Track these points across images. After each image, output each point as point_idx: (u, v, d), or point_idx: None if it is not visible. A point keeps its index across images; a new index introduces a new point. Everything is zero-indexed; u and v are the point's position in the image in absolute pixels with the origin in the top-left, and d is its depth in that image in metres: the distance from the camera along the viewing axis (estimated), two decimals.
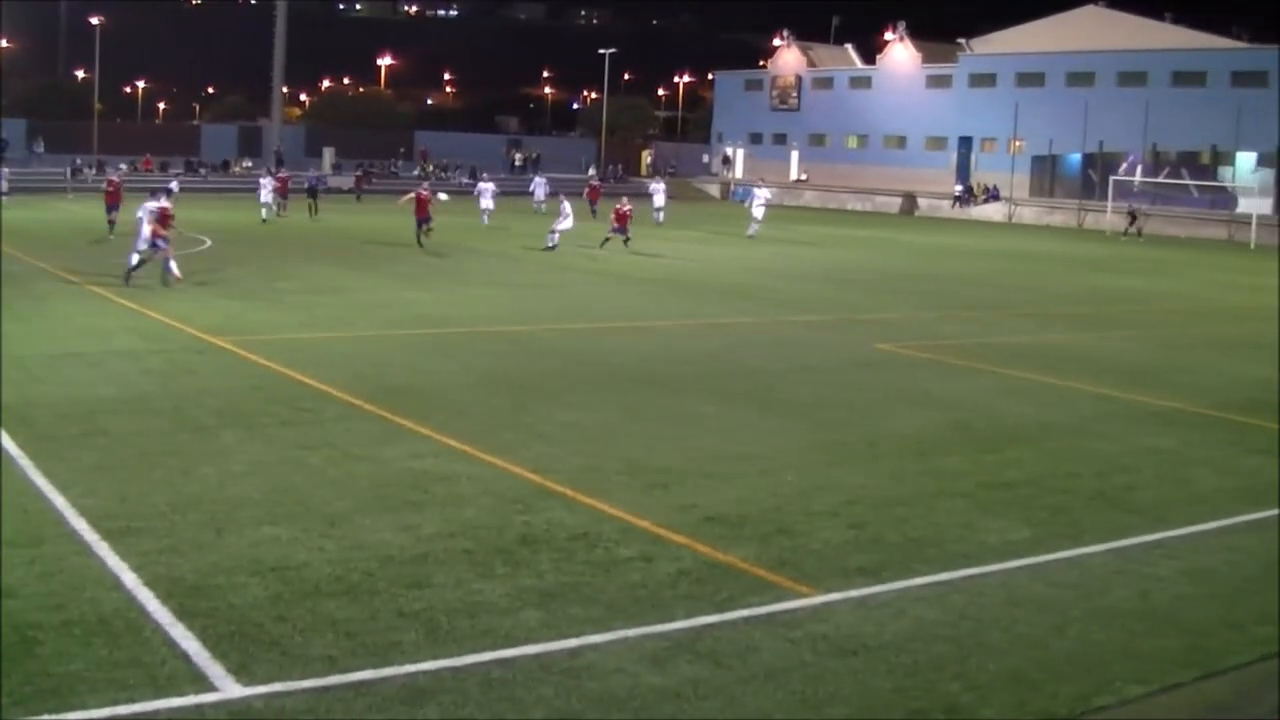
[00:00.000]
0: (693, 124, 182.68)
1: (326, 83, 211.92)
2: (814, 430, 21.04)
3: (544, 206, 79.07)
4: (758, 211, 67.11)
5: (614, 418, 21.48)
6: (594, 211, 74.25)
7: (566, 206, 54.73)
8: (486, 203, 66.49)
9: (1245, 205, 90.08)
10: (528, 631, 11.60)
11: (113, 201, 53.91)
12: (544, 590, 12.66)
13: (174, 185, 61.91)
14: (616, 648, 11.34)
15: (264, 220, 64.26)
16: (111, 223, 52.34)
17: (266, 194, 67.01)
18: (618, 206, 55.78)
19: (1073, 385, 26.27)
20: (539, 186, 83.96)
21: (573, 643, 11.38)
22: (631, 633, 11.67)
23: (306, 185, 74.25)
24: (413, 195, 52.95)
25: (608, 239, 54.36)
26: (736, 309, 36.86)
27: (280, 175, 74.24)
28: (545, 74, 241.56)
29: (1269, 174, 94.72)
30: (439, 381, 24.28)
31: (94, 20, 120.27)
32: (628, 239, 54.01)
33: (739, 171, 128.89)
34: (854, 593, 13.01)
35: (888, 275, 50.35)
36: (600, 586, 12.84)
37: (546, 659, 11.03)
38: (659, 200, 74.07)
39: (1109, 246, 74.18)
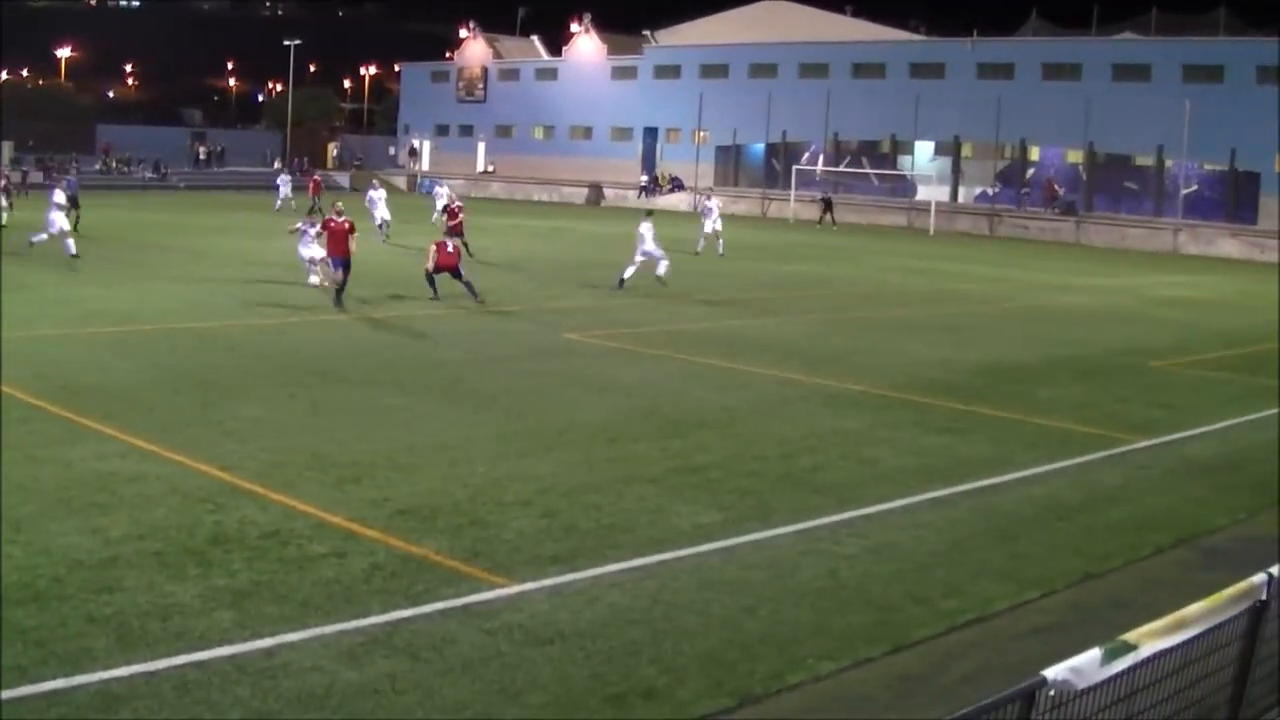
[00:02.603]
0: (379, 115, 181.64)
1: (3, 74, 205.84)
2: (503, 420, 21.18)
3: (293, 204, 77.89)
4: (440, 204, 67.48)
5: (301, 412, 21.33)
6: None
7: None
8: (382, 212, 60.30)
9: (924, 193, 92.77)
10: (221, 632, 11.50)
11: None
12: (237, 590, 12.55)
13: None
14: (312, 645, 11.32)
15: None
16: None
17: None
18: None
19: (756, 370, 26.86)
20: (284, 184, 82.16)
21: (268, 642, 11.32)
22: (327, 630, 11.65)
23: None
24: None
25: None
26: (419, 301, 36.71)
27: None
28: (229, 65, 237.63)
29: (946, 163, 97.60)
30: (123, 380, 23.77)
31: None
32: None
33: (425, 164, 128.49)
34: (548, 581, 13.17)
35: (572, 265, 50.78)
36: (294, 584, 12.79)
37: (242, 659, 10.96)
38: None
39: (792, 233, 75.78)
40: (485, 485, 16.87)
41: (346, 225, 34.97)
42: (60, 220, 44.65)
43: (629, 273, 41.35)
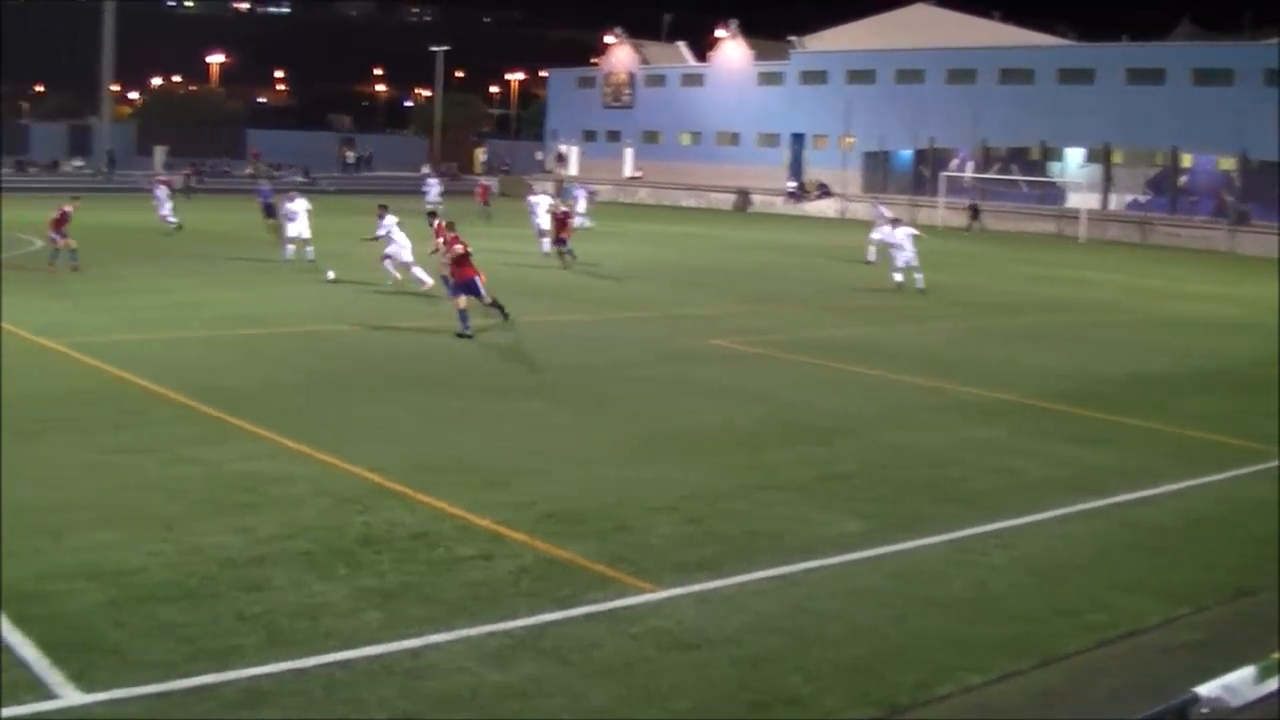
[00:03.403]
0: (526, 121, 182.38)
1: (157, 81, 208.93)
2: (645, 426, 21.17)
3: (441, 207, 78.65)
4: (581, 206, 68.01)
5: (441, 415, 21.50)
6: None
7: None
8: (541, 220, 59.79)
9: (1074, 200, 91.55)
10: (369, 632, 11.59)
11: None
12: (385, 590, 12.65)
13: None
14: (458, 647, 11.37)
15: (178, 228, 57.85)
16: None
17: (166, 206, 59.02)
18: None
19: (898, 377, 26.65)
20: (432, 187, 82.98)
21: (414, 642, 11.39)
22: (473, 631, 11.70)
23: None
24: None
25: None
26: (565, 306, 36.86)
27: (164, 178, 72.66)
28: (377, 71, 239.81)
29: (1097, 169, 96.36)
30: (266, 381, 24.09)
31: None
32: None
33: (573, 169, 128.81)
34: (693, 587, 13.12)
35: (718, 271, 50.56)
36: (441, 586, 12.85)
37: (389, 660, 11.03)
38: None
39: (939, 240, 75.14)
40: (629, 490, 16.86)
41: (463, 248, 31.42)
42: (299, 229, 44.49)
43: None
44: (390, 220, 39.76)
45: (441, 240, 33.44)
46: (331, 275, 39.73)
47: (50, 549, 13.61)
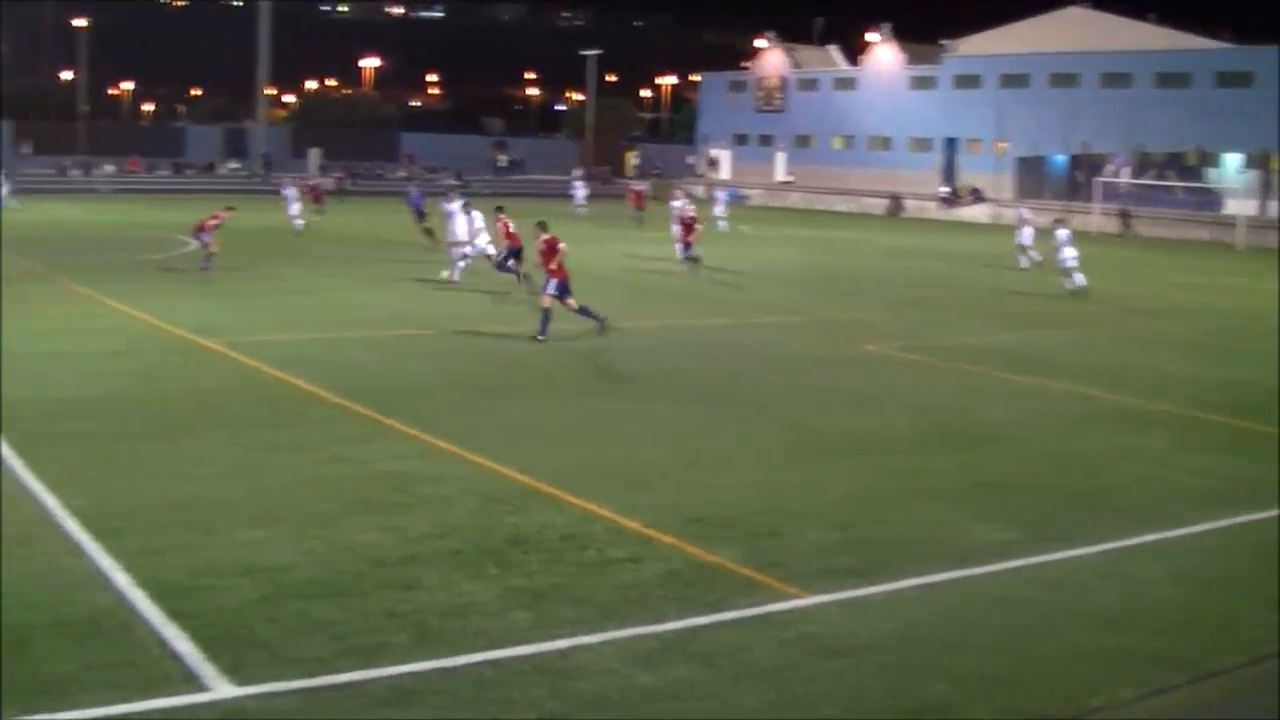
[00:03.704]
0: (677, 125, 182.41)
1: (311, 84, 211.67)
2: (796, 431, 21.04)
3: (584, 210, 79.22)
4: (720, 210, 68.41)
5: (597, 417, 21.55)
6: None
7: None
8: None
9: (1232, 206, 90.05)
10: (518, 632, 11.62)
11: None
12: (534, 591, 12.67)
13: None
14: (608, 649, 11.35)
15: (299, 232, 58.48)
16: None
17: (294, 206, 59.71)
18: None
19: (1051, 384, 26.29)
20: (578, 190, 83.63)
21: (564, 644, 11.39)
22: (622, 634, 11.68)
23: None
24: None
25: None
26: (716, 310, 36.86)
27: (311, 182, 73.82)
28: (529, 75, 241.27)
29: (1256, 175, 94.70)
30: (418, 382, 24.33)
31: (79, 22, 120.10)
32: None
33: (724, 173, 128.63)
34: (843, 594, 13.01)
35: (870, 277, 50.25)
36: (591, 587, 12.85)
37: (538, 660, 11.04)
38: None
39: (1093, 246, 74.18)
40: (778, 495, 16.77)
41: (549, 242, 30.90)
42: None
43: None
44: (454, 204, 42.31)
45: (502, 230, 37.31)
46: (445, 275, 39.96)
47: (205, 545, 13.81)
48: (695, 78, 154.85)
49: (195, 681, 10.40)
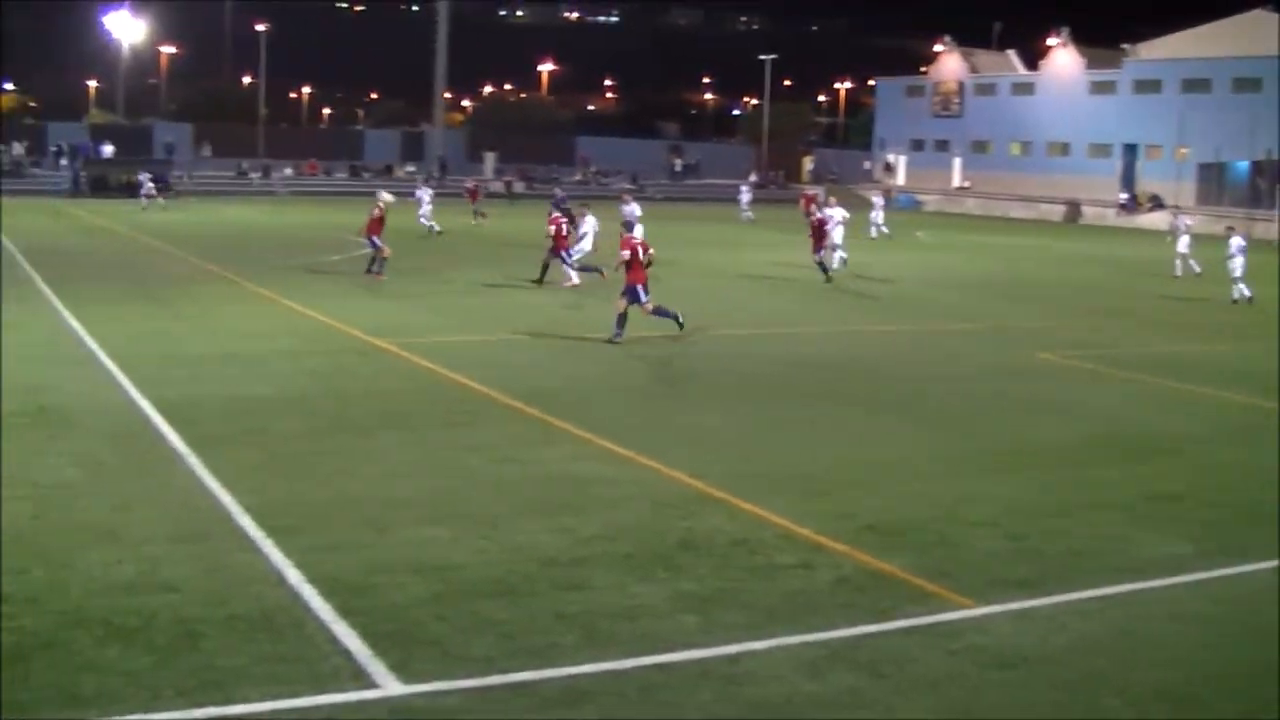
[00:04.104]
0: (853, 130, 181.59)
1: (488, 88, 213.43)
2: (969, 439, 20.83)
3: (750, 215, 79.23)
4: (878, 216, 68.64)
5: (767, 423, 21.48)
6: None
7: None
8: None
9: None
10: (687, 636, 11.61)
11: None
12: (704, 595, 12.66)
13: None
14: (775, 655, 11.32)
15: (436, 232, 59.12)
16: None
17: (425, 208, 60.40)
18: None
19: (1228, 396, 25.76)
20: (744, 194, 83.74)
21: (732, 649, 11.37)
22: (790, 640, 11.63)
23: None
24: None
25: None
26: (888, 316, 36.64)
27: (469, 185, 74.59)
28: (705, 80, 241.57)
29: None
30: (586, 384, 24.43)
31: (259, 27, 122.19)
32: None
33: (901, 179, 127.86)
34: (1014, 605, 12.85)
35: (1046, 284, 49.58)
36: (760, 593, 12.82)
37: (705, 664, 11.03)
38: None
39: (1274, 256, 72.91)
40: (950, 504, 16.60)
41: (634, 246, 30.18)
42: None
43: None
44: (591, 221, 43.27)
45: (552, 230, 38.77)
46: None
47: (377, 543, 13.97)
48: (872, 82, 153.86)
49: (364, 678, 10.52)
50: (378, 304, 34.66)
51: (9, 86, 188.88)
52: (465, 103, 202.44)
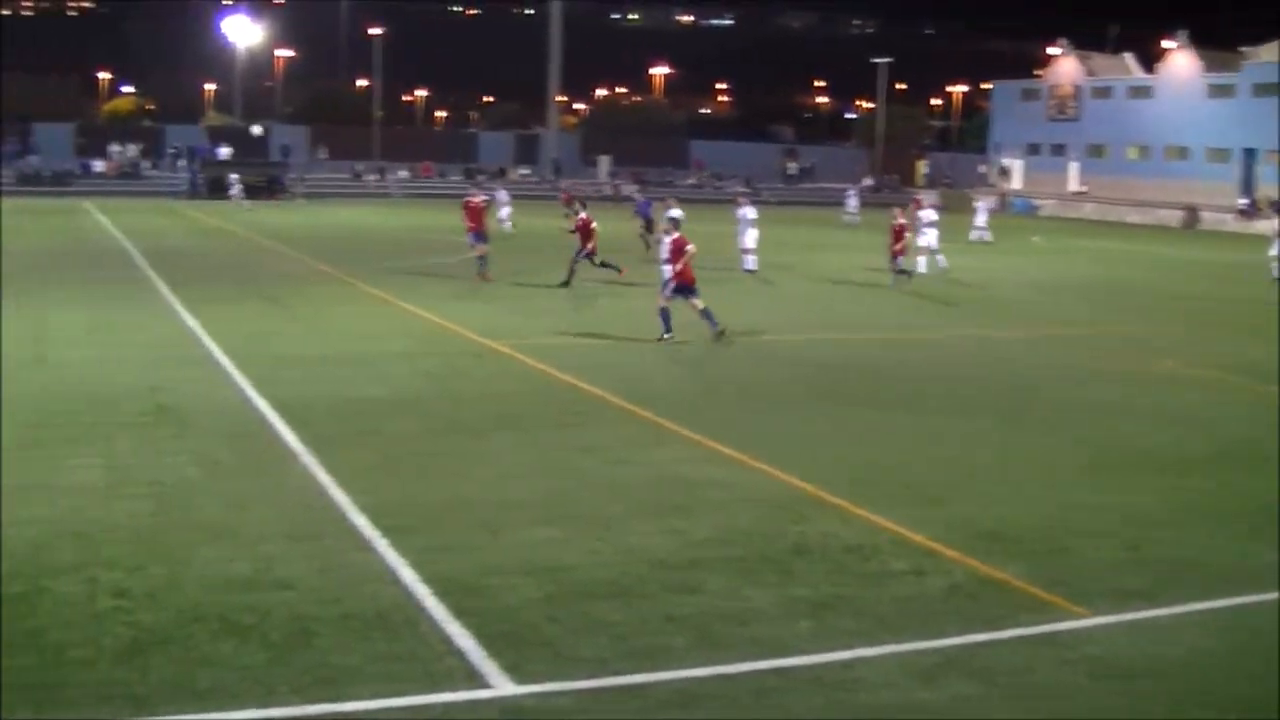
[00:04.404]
0: (968, 134, 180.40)
1: (602, 91, 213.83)
2: (1085, 447, 20.57)
3: (856, 219, 78.95)
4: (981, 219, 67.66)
5: (879, 428, 21.37)
6: None
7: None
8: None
9: None
10: (799, 642, 11.58)
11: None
12: (816, 601, 12.62)
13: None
14: (888, 662, 11.26)
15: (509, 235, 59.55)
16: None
17: (504, 210, 61.68)
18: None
19: None
20: (850, 197, 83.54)
21: (844, 655, 11.33)
22: (903, 647, 11.58)
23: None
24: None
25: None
26: (1001, 322, 36.37)
27: (564, 190, 74.90)
28: (819, 83, 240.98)
29: None
30: (699, 387, 24.56)
31: (374, 30, 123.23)
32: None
33: (1016, 183, 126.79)
34: (1130, 615, 12.71)
35: (1164, 291, 48.95)
36: (872, 599, 12.76)
37: (818, 670, 11.01)
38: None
39: None
40: (1065, 512, 16.43)
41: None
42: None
43: None
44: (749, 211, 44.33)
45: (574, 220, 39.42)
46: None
47: (490, 544, 14.07)
48: (987, 86, 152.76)
49: (476, 678, 10.59)
50: (488, 306, 34.86)
51: (128, 89, 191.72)
52: (577, 105, 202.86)
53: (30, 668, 10.61)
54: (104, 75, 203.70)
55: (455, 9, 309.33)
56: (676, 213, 32.39)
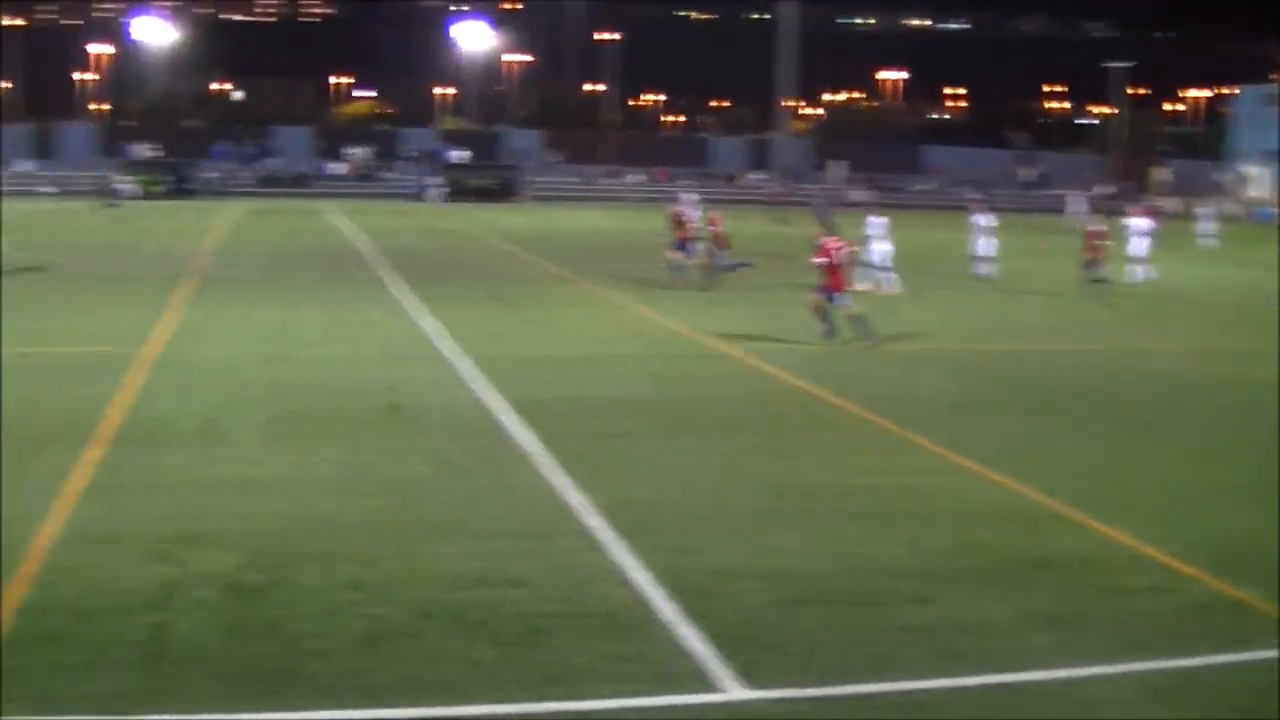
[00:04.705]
0: (1207, 140, 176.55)
1: (834, 96, 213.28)
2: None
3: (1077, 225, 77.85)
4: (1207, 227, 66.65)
5: (1110, 440, 20.95)
6: None
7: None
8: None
9: None
10: (1035, 656, 11.37)
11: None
12: (1053, 615, 12.38)
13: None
14: (1126, 680, 11.01)
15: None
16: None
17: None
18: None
19: None
20: (1069, 206, 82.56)
21: (1081, 671, 11.09)
22: (1141, 666, 11.29)
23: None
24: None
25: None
26: (1227, 333, 35.27)
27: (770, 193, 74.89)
28: (1055, 88, 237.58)
29: None
30: (928, 396, 24.15)
31: (604, 35, 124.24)
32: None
33: (1263, 190, 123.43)
34: None
35: None
36: (1109, 615, 12.48)
37: (1054, 686, 10.81)
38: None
39: None
40: None
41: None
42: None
43: None
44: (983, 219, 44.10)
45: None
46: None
47: (724, 547, 14.07)
48: (1227, 91, 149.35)
49: (706, 681, 10.58)
50: (718, 310, 34.91)
51: (366, 94, 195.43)
52: (808, 110, 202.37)
53: (270, 655, 10.86)
54: (339, 80, 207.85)
55: (685, 13, 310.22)
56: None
